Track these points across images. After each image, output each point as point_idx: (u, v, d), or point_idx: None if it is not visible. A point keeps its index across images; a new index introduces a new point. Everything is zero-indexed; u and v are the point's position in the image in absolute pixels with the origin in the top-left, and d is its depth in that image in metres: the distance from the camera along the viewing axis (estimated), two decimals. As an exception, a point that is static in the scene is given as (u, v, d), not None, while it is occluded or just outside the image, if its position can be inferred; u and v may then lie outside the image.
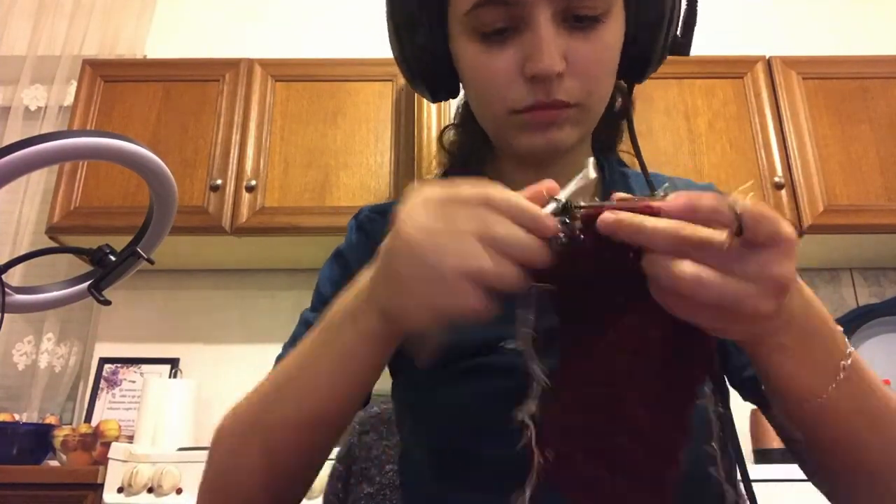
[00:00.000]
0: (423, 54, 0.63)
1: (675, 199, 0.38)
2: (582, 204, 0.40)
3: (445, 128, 0.75)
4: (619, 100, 0.70)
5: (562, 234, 0.39)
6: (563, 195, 0.41)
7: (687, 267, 0.37)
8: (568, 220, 0.39)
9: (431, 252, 0.40)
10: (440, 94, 0.68)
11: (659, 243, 0.38)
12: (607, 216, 0.38)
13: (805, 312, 0.44)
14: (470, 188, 0.41)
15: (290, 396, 0.53)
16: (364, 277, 0.49)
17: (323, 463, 0.60)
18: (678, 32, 0.64)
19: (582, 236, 0.39)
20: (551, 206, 0.40)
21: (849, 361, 0.46)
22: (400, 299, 0.43)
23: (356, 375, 0.50)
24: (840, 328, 0.47)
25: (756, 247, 0.37)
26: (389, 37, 0.65)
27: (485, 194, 0.40)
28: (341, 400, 0.52)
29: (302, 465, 0.56)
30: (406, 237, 0.41)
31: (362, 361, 0.49)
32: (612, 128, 0.72)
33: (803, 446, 0.54)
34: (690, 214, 0.38)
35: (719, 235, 0.37)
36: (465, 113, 0.72)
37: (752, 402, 0.65)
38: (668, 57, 0.65)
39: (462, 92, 0.68)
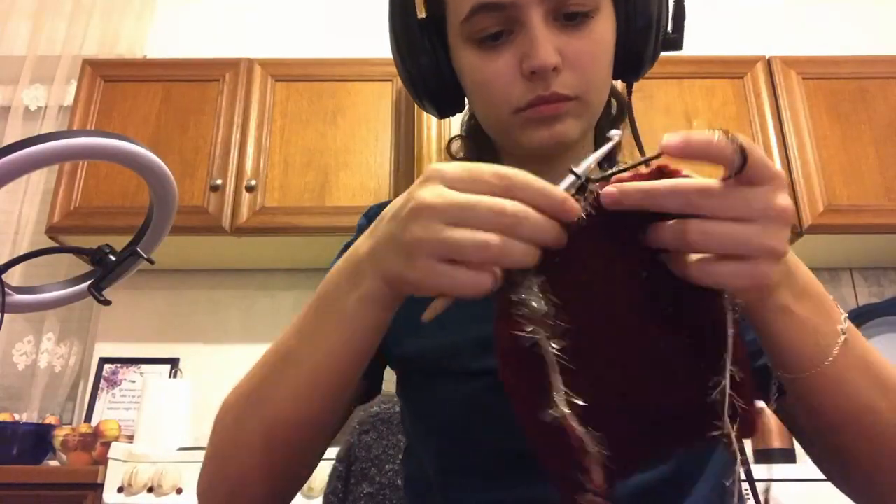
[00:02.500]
0: (428, 74, 0.66)
1: (671, 142, 0.38)
2: (596, 177, 0.40)
3: (453, 138, 0.77)
4: (615, 104, 0.72)
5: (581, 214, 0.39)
6: (582, 166, 0.41)
7: (692, 222, 0.38)
8: (584, 196, 0.40)
9: (447, 224, 0.40)
10: (446, 110, 0.70)
11: (668, 203, 0.38)
12: (609, 190, 0.39)
13: (797, 271, 0.45)
14: (490, 167, 0.41)
15: (291, 364, 0.52)
16: (362, 244, 0.48)
17: (323, 444, 0.59)
18: (669, 28, 0.66)
19: (596, 212, 0.39)
20: (568, 181, 0.40)
21: (846, 325, 0.46)
22: (407, 267, 0.42)
23: (358, 340, 0.49)
24: (831, 297, 0.48)
25: (753, 185, 0.38)
26: (394, 59, 0.68)
27: (504, 172, 0.41)
28: (342, 366, 0.51)
29: (301, 440, 0.55)
30: (421, 205, 0.41)
31: (364, 325, 0.48)
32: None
33: (813, 435, 0.54)
34: (689, 152, 0.38)
35: (717, 183, 0.38)
36: (470, 125, 0.74)
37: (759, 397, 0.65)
38: (667, 56, 0.67)
39: (467, 105, 0.70)
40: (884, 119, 2.15)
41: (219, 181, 2.06)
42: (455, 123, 2.33)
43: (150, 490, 1.57)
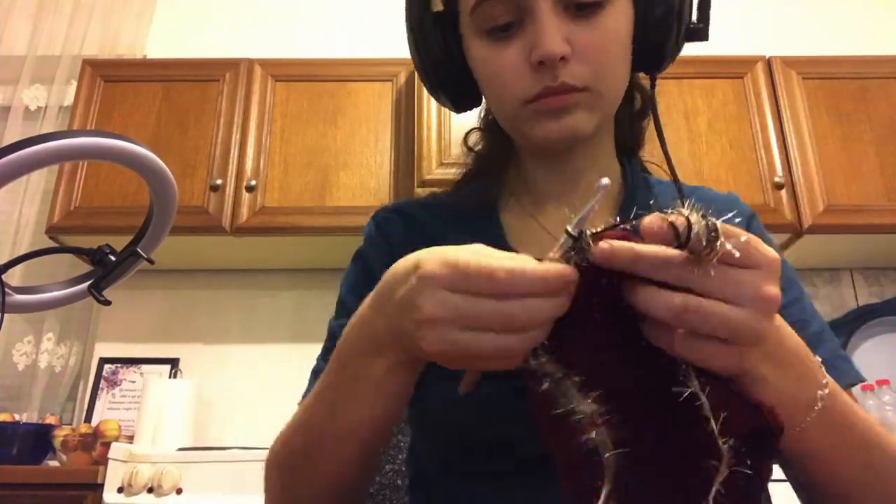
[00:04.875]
0: (443, 67, 0.65)
1: (651, 222, 0.38)
2: (592, 231, 0.39)
3: (471, 130, 0.76)
4: (639, 98, 0.71)
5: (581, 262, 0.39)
6: (574, 222, 0.39)
7: (691, 298, 0.37)
8: (583, 249, 0.39)
9: (454, 324, 0.40)
10: (462, 103, 0.69)
11: (658, 274, 0.37)
12: (602, 246, 0.38)
13: (781, 341, 0.43)
14: (476, 263, 0.39)
15: (328, 435, 0.53)
16: (375, 319, 0.47)
17: (372, 477, 0.63)
18: (693, 18, 0.64)
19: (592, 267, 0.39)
20: (565, 241, 0.39)
21: (825, 391, 0.45)
22: (419, 347, 0.42)
23: (390, 405, 0.50)
24: (818, 359, 0.46)
25: (745, 269, 0.37)
26: (411, 52, 0.68)
27: (493, 272, 0.39)
28: (377, 430, 0.53)
29: (352, 487, 0.58)
30: (425, 312, 0.40)
31: (394, 391, 0.49)
32: (633, 127, 0.73)
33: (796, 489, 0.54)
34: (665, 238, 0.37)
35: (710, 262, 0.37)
36: (487, 119, 0.73)
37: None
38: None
39: (484, 100, 0.69)
40: (884, 119, 2.15)
41: (219, 181, 2.06)
42: (456, 124, 2.32)
43: (150, 490, 1.56)
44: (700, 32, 0.64)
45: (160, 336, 2.30)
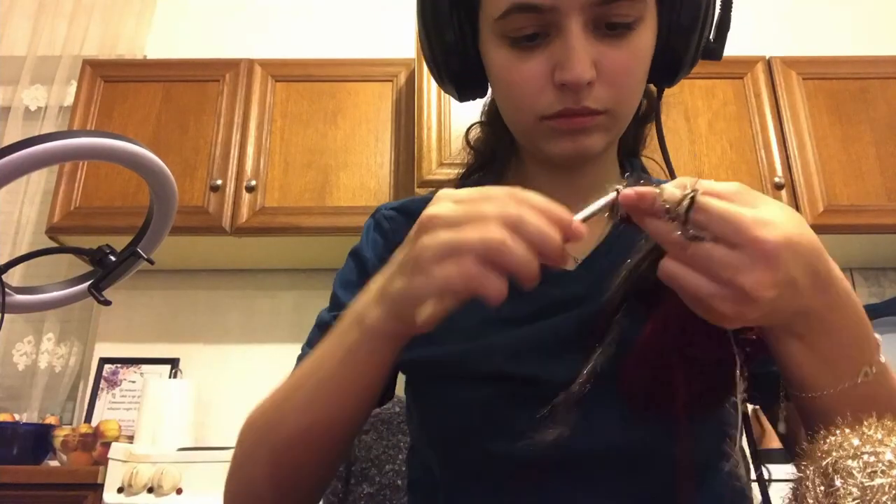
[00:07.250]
0: (453, 54, 0.63)
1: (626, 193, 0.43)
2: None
3: (472, 125, 0.74)
4: (645, 103, 0.70)
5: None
6: (582, 215, 0.43)
7: (668, 263, 0.42)
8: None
9: (453, 228, 0.42)
10: (467, 93, 0.68)
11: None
12: (628, 192, 0.43)
13: (833, 311, 0.45)
14: (502, 188, 0.43)
15: (299, 403, 0.54)
16: (375, 280, 0.49)
17: (332, 473, 0.61)
18: (711, 37, 0.64)
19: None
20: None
21: (873, 369, 0.46)
22: (411, 279, 0.43)
23: (361, 376, 0.51)
24: (879, 338, 0.47)
25: (734, 248, 0.40)
26: (419, 36, 0.65)
27: (513, 190, 0.42)
28: (347, 403, 0.53)
29: (309, 474, 0.58)
30: (429, 218, 0.43)
31: (366, 361, 0.50)
32: (637, 131, 0.72)
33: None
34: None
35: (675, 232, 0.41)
36: (492, 112, 0.72)
37: (755, 400, 0.65)
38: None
39: (489, 91, 0.67)
40: (884, 119, 2.15)
41: (219, 181, 2.06)
42: (456, 124, 2.31)
43: (150, 490, 1.57)
44: (715, 51, 0.65)
45: (160, 336, 2.30)
